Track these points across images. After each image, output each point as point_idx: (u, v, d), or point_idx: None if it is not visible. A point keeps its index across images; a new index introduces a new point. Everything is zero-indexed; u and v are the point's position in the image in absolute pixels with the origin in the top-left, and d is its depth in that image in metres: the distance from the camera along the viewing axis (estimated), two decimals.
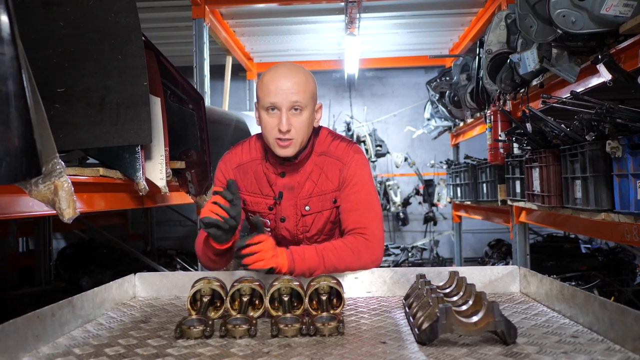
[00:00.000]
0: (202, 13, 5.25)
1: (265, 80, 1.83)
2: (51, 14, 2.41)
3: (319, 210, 1.93)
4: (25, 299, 4.20)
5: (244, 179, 1.97)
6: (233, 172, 1.99)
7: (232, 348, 1.21)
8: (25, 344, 1.18)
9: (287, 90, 1.80)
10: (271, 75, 1.83)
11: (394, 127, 9.05)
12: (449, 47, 7.56)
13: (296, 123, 1.82)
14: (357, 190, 1.92)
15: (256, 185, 1.96)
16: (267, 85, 1.81)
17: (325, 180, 1.93)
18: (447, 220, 8.30)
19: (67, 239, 8.09)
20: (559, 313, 1.45)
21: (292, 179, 1.93)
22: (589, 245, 6.30)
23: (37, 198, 1.47)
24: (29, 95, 1.18)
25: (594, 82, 2.74)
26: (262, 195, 1.96)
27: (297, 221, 1.94)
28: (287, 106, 1.80)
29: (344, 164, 1.93)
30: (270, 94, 1.80)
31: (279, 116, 1.80)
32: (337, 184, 1.93)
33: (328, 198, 1.93)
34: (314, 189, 1.92)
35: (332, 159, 1.94)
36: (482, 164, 4.97)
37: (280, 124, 1.79)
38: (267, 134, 1.85)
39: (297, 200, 1.93)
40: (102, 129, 2.46)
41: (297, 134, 1.83)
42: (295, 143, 1.84)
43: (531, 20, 2.70)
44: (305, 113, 1.84)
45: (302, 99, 1.81)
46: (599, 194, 2.54)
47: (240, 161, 2.00)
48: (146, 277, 1.84)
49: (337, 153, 1.95)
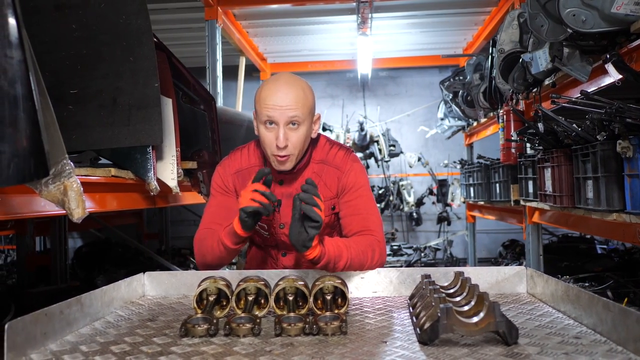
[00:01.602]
0: (214, 14, 5.29)
1: (262, 95, 1.82)
2: (64, 17, 2.45)
3: None
4: (41, 297, 4.26)
5: (243, 185, 1.96)
6: (232, 177, 1.99)
7: (235, 346, 1.23)
8: (33, 341, 1.20)
9: (284, 106, 1.78)
10: (268, 90, 1.82)
11: (408, 127, 9.03)
12: (463, 47, 7.53)
13: (293, 138, 1.81)
14: (359, 195, 1.94)
15: None
16: (264, 100, 1.80)
17: (324, 188, 1.93)
18: (461, 220, 8.26)
19: (84, 238, 8.20)
20: (564, 314, 1.44)
21: (291, 186, 1.94)
22: (604, 246, 6.24)
23: (47, 198, 1.50)
24: (36, 97, 1.20)
25: (606, 81, 2.71)
26: None
27: None
28: (285, 121, 1.79)
29: (343, 173, 1.95)
30: (268, 109, 1.79)
31: (277, 131, 1.80)
32: (336, 191, 1.95)
33: (327, 205, 1.93)
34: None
35: (331, 168, 1.96)
36: (495, 164, 4.95)
37: (278, 139, 1.79)
38: (265, 147, 1.86)
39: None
40: (114, 129, 2.50)
41: (294, 148, 1.83)
42: (292, 158, 1.85)
43: (542, 20, 2.68)
44: (302, 127, 1.83)
45: (299, 114, 1.80)
46: (610, 194, 2.52)
47: (240, 167, 2.01)
48: (155, 276, 1.87)
49: (336, 162, 1.96)
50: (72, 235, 8.23)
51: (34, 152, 1.21)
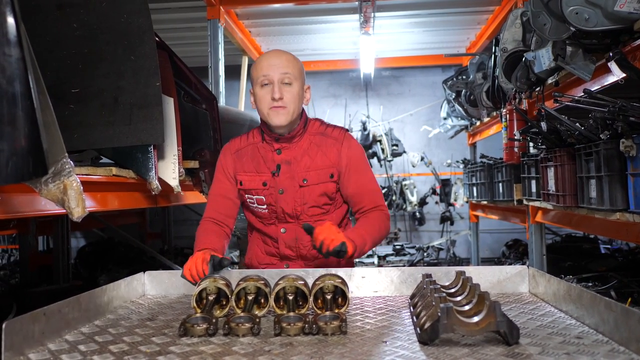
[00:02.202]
0: (217, 14, 5.29)
1: (257, 62, 2.05)
2: (65, 16, 2.45)
3: (316, 182, 2.05)
4: (43, 296, 4.26)
5: (241, 160, 2.11)
6: (232, 157, 2.13)
7: (234, 346, 1.22)
8: (31, 340, 1.20)
9: (277, 64, 1.99)
10: (262, 57, 2.05)
11: (411, 127, 9.00)
12: (466, 46, 7.50)
13: (287, 93, 1.99)
14: (363, 174, 2.09)
15: (252, 165, 2.09)
16: (259, 64, 2.02)
17: (323, 157, 2.06)
18: (465, 220, 8.23)
19: (87, 237, 8.21)
20: (566, 314, 1.43)
21: (288, 154, 2.07)
22: (608, 246, 6.21)
23: (47, 197, 1.49)
24: (35, 96, 1.20)
25: (609, 80, 2.69)
26: (257, 173, 2.08)
27: (295, 192, 2.04)
28: (279, 78, 1.98)
29: (342, 145, 2.08)
30: (262, 69, 2.00)
31: (272, 88, 1.98)
32: (334, 160, 2.06)
33: (325, 173, 2.05)
34: (312, 164, 2.05)
35: (329, 139, 2.09)
36: (498, 163, 4.93)
37: (273, 92, 1.97)
38: (261, 107, 2.02)
39: (294, 173, 2.04)
40: (116, 129, 2.49)
41: (289, 103, 1.99)
42: (288, 111, 1.99)
43: (545, 18, 2.67)
44: (295, 86, 2.01)
45: (291, 71, 2.00)
46: (613, 193, 2.50)
47: (239, 147, 2.15)
48: (155, 276, 1.87)
49: (334, 135, 2.11)
50: (75, 235, 8.24)
51: (33, 150, 1.21)
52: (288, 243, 2.07)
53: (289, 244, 2.07)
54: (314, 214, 2.06)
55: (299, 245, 2.06)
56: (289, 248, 2.07)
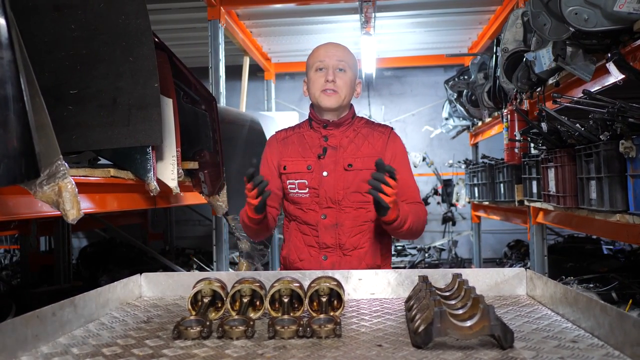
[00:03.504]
0: (217, 14, 5.29)
1: (314, 50, 2.18)
2: (63, 17, 2.44)
3: (361, 168, 2.09)
4: (44, 297, 4.27)
5: (287, 147, 2.19)
6: (277, 144, 2.21)
7: (227, 349, 1.22)
8: (24, 343, 1.20)
9: (333, 52, 2.12)
10: (320, 47, 2.17)
11: (413, 127, 9.00)
12: (468, 46, 7.49)
13: (340, 80, 2.09)
14: (405, 170, 2.16)
15: (298, 150, 2.16)
16: (316, 52, 2.15)
17: (369, 146, 2.13)
18: (467, 221, 8.22)
19: (89, 237, 8.22)
20: (562, 317, 1.42)
21: (335, 141, 2.13)
22: (611, 247, 6.18)
23: (42, 199, 1.49)
24: (27, 98, 1.19)
25: (610, 80, 2.68)
26: (302, 157, 2.15)
27: (339, 175, 2.09)
28: (334, 65, 2.09)
29: (388, 137, 2.16)
30: (319, 56, 2.12)
31: (326, 72, 2.09)
32: (380, 150, 2.12)
33: (371, 160, 2.04)
34: (358, 152, 2.11)
35: (376, 131, 2.17)
36: (500, 163, 4.91)
37: (327, 75, 2.07)
38: (314, 90, 2.11)
39: (339, 158, 2.10)
40: (114, 130, 2.49)
41: (341, 88, 2.09)
42: (339, 96, 2.09)
43: (545, 18, 2.66)
44: (349, 73, 2.11)
45: (346, 60, 2.11)
46: (613, 194, 2.49)
47: (286, 135, 2.24)
48: (152, 277, 1.86)
49: (381, 129, 2.20)
50: (77, 235, 8.26)
51: (25, 153, 1.21)
52: (328, 230, 2.09)
53: (329, 230, 2.09)
54: (355, 200, 2.09)
55: (339, 232, 2.09)
56: (328, 235, 2.09)
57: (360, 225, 2.11)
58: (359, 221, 2.11)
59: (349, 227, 2.09)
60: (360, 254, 2.09)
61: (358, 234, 2.11)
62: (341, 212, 2.10)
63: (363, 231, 2.12)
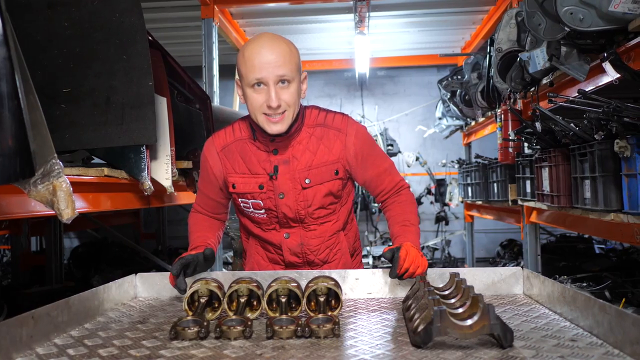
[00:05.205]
0: (211, 13, 5.27)
1: (247, 55, 1.72)
2: (56, 15, 2.42)
3: (320, 182, 1.86)
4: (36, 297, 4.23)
5: (230, 160, 1.89)
6: (217, 156, 1.90)
7: (225, 350, 1.21)
8: (19, 344, 1.18)
9: (272, 63, 1.69)
10: (252, 49, 1.72)
11: (406, 127, 9.00)
12: (461, 46, 7.51)
13: (285, 96, 1.73)
14: (375, 156, 1.93)
15: (244, 165, 1.87)
16: (250, 60, 1.70)
17: (325, 151, 1.86)
18: (460, 220, 8.23)
19: (80, 237, 8.16)
20: (560, 316, 1.42)
21: (286, 153, 1.85)
22: (602, 246, 6.21)
23: (36, 198, 1.47)
24: (22, 96, 1.18)
25: (604, 80, 2.69)
26: (251, 174, 1.87)
27: (297, 195, 1.85)
28: (274, 80, 1.70)
29: (346, 135, 1.87)
30: (255, 70, 1.70)
31: (267, 91, 1.71)
32: (339, 154, 1.87)
33: (329, 169, 1.86)
34: (313, 161, 1.85)
35: (331, 130, 1.88)
36: (493, 163, 4.93)
37: (269, 99, 1.70)
38: (254, 111, 1.76)
39: (294, 173, 1.84)
40: (108, 129, 2.47)
41: (288, 107, 1.75)
42: (286, 117, 1.76)
43: (539, 18, 2.66)
44: (293, 85, 1.74)
45: (288, 71, 1.71)
46: (608, 194, 2.50)
47: (225, 143, 1.91)
48: (147, 278, 1.84)
49: (335, 124, 1.89)
50: (68, 235, 8.19)
51: (20, 151, 1.19)
52: (293, 249, 1.91)
53: (294, 250, 1.91)
54: (319, 216, 1.90)
55: (306, 250, 1.91)
56: (294, 255, 1.92)
57: (327, 240, 1.94)
58: (326, 236, 1.93)
59: (316, 245, 1.92)
60: (331, 266, 1.94)
61: (326, 249, 1.94)
62: (306, 230, 1.91)
63: (331, 245, 1.95)
